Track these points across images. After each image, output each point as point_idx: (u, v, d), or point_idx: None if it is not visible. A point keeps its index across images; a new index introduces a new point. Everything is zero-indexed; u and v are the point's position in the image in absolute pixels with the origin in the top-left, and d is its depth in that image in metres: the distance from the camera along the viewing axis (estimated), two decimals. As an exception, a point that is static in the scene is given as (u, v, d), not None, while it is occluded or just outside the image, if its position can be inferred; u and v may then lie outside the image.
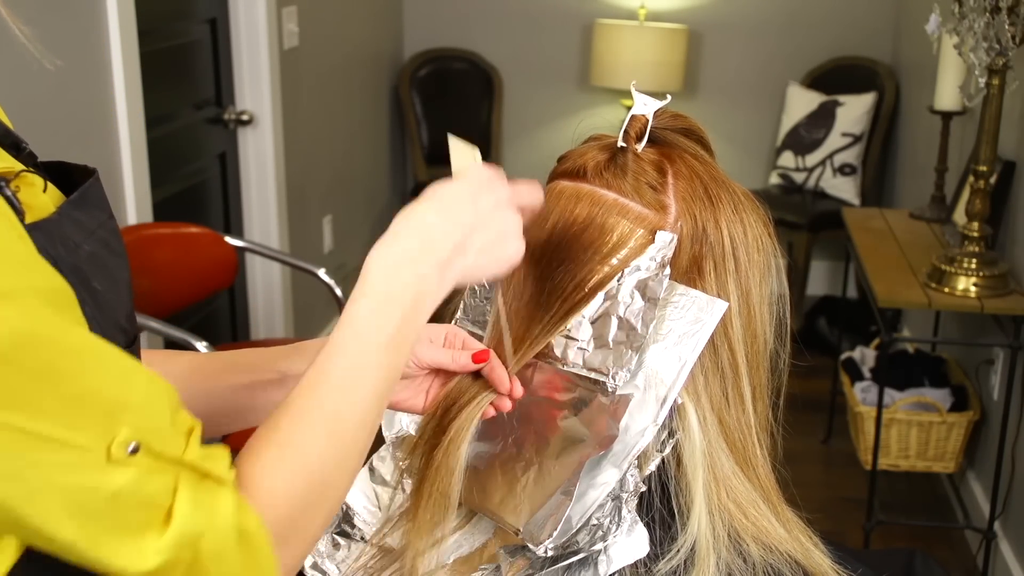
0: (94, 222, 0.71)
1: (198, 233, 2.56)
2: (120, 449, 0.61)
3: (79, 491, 0.60)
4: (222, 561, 0.65)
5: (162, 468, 0.63)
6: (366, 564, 0.89)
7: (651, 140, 0.85)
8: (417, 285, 0.75)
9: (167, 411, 0.65)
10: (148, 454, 0.62)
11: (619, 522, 0.78)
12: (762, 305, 0.85)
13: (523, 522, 0.82)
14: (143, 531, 0.62)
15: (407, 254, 0.75)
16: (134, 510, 0.62)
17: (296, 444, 0.70)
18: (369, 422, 0.74)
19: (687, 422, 0.80)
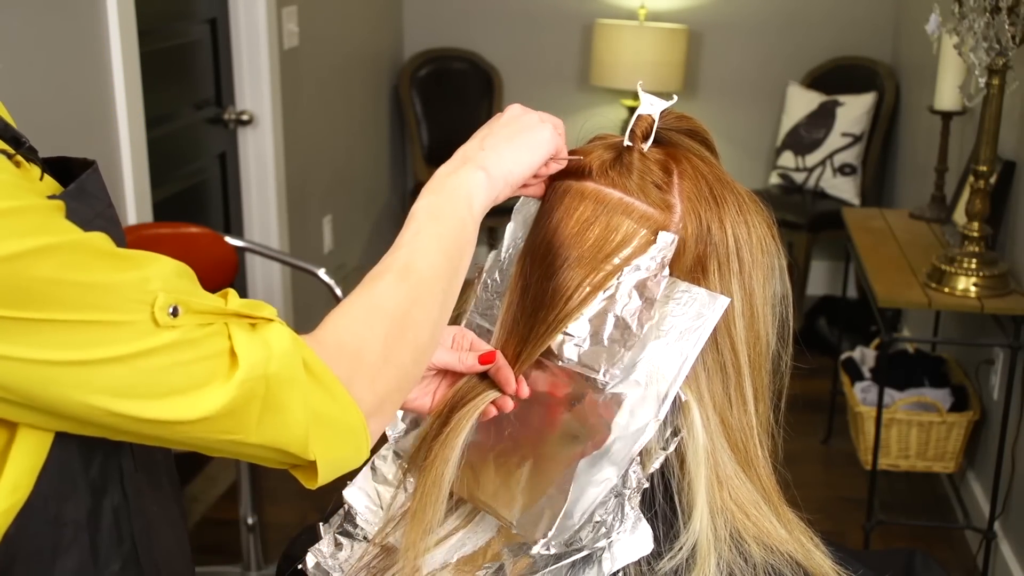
0: (92, 212, 0.73)
1: (198, 233, 2.56)
2: (162, 313, 0.65)
3: (138, 358, 0.64)
4: (295, 387, 0.69)
5: (209, 320, 0.67)
6: (369, 563, 0.89)
7: (656, 141, 0.85)
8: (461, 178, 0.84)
9: (194, 281, 0.70)
10: (190, 312, 0.66)
11: (623, 519, 0.78)
12: (765, 306, 0.85)
13: (516, 516, 0.82)
14: (214, 376, 0.67)
15: (452, 165, 0.87)
16: (198, 361, 0.66)
17: (372, 290, 0.77)
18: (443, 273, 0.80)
19: (691, 420, 0.80)
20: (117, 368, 0.64)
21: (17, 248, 0.61)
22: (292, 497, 2.73)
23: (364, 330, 0.75)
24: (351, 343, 0.74)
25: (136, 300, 0.64)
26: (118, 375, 0.64)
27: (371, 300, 0.77)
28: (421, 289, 0.78)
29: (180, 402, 0.65)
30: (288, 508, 2.72)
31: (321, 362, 0.71)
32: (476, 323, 0.93)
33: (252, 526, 2.44)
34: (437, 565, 0.86)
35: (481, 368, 0.86)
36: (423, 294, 0.78)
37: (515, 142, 0.86)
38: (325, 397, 0.71)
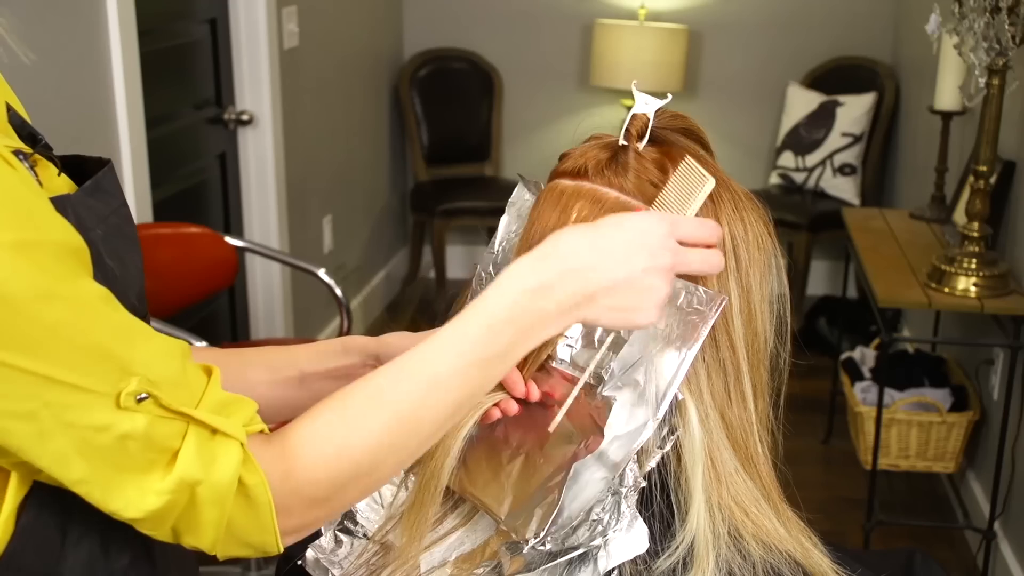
0: (107, 209, 0.74)
1: (198, 233, 2.56)
2: (129, 399, 0.65)
3: (89, 430, 0.64)
4: (217, 507, 0.68)
5: (171, 417, 0.67)
6: (368, 561, 0.89)
7: (651, 140, 0.85)
8: (537, 316, 0.74)
9: (177, 366, 0.69)
10: (156, 404, 0.66)
11: (619, 517, 0.78)
12: (763, 303, 0.85)
13: (505, 511, 0.82)
14: (148, 471, 0.66)
15: (543, 284, 0.74)
16: (141, 452, 0.66)
17: (359, 422, 0.72)
18: (439, 427, 0.75)
19: (687, 418, 0.80)
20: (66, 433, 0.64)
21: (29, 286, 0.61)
22: (292, 497, 2.73)
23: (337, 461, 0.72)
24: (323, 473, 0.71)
25: (110, 375, 0.65)
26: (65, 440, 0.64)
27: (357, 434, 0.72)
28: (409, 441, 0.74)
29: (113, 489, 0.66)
30: (288, 508, 2.72)
31: (264, 488, 0.69)
32: None
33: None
34: (436, 563, 0.86)
35: None
36: (405, 444, 0.74)
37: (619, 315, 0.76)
38: (248, 519, 0.70)
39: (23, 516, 0.68)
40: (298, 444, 0.71)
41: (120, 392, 0.64)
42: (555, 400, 0.84)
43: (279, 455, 0.71)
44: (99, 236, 0.71)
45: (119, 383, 0.65)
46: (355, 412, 0.72)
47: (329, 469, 0.71)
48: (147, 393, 0.65)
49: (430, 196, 4.23)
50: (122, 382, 0.65)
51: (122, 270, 0.73)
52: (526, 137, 4.57)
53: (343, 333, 2.71)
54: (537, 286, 0.74)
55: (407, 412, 0.73)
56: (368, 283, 4.18)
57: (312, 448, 0.71)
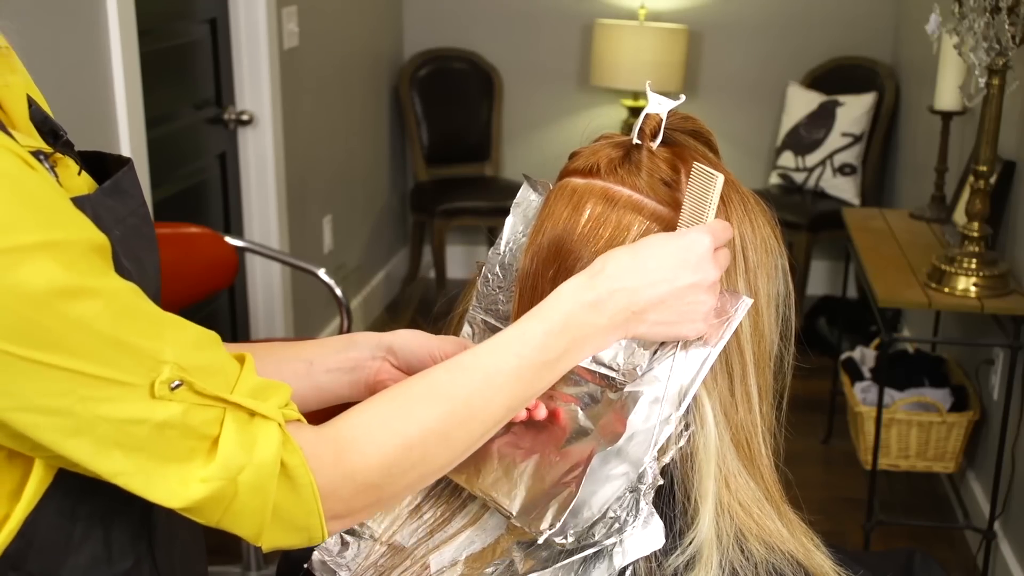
0: (126, 209, 0.74)
1: (198, 233, 2.56)
2: (163, 387, 0.65)
3: (125, 423, 0.64)
4: (261, 492, 0.68)
5: (207, 403, 0.67)
6: (376, 562, 0.89)
7: (662, 140, 0.85)
8: (590, 329, 0.79)
9: (210, 353, 0.70)
10: (191, 391, 0.66)
11: (636, 514, 0.78)
12: (769, 305, 0.86)
13: (516, 507, 0.82)
14: (189, 459, 0.66)
15: (597, 300, 0.78)
16: (181, 439, 0.66)
17: (413, 410, 0.75)
18: (490, 425, 0.77)
19: (703, 415, 0.81)
20: (102, 426, 0.64)
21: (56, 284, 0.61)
22: (292, 497, 2.73)
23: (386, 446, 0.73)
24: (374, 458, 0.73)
25: (143, 366, 0.65)
26: (101, 433, 0.64)
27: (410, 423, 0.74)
28: (459, 436, 0.76)
29: (155, 480, 0.66)
30: (288, 508, 2.72)
31: (305, 469, 0.70)
32: (480, 319, 0.93)
33: (252, 526, 2.44)
34: (446, 563, 0.86)
35: None
36: (458, 442, 0.77)
37: (665, 328, 0.80)
38: (293, 501, 0.70)
39: (28, 517, 0.68)
40: (351, 428, 0.73)
41: (154, 381, 0.65)
42: (565, 396, 0.84)
43: (331, 438, 0.72)
44: (117, 237, 0.71)
45: (152, 373, 0.65)
46: (410, 400, 0.75)
47: (381, 454, 0.72)
48: (180, 380, 0.66)
49: (430, 196, 4.23)
50: (154, 371, 0.65)
51: (139, 271, 0.73)
52: (526, 137, 4.57)
53: (343, 333, 2.71)
54: (592, 300, 0.78)
55: (461, 405, 0.75)
56: (368, 283, 4.18)
57: (365, 432, 0.73)
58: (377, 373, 0.93)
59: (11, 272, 0.60)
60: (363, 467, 0.72)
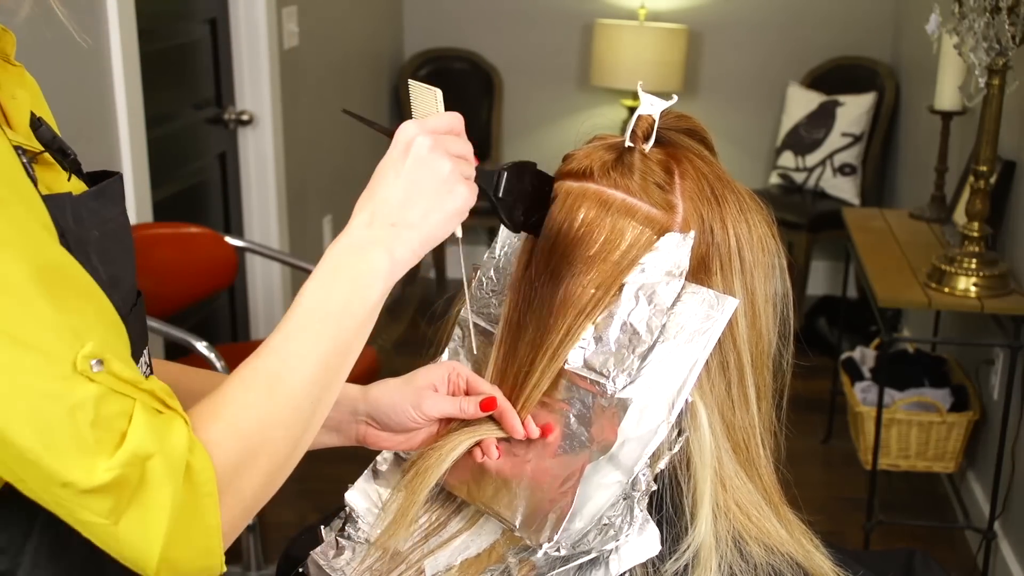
0: (108, 214, 0.74)
1: (198, 233, 2.56)
2: (85, 362, 0.63)
3: (42, 397, 0.62)
4: (164, 489, 0.65)
5: (123, 389, 0.65)
6: (371, 566, 0.88)
7: (656, 140, 0.85)
8: (360, 264, 0.77)
9: (125, 344, 0.68)
10: (110, 373, 0.64)
11: (631, 521, 0.78)
12: (767, 305, 0.85)
13: (518, 519, 0.82)
14: (97, 450, 0.63)
15: (352, 238, 0.78)
16: (91, 427, 0.63)
17: (233, 401, 0.72)
18: (315, 388, 0.75)
19: (697, 420, 0.80)
20: (19, 398, 0.62)
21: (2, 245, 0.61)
22: (292, 497, 2.73)
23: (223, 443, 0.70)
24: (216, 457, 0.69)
25: (67, 338, 0.63)
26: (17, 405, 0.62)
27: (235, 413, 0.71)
28: (287, 408, 0.73)
29: (63, 459, 0.63)
30: (288, 508, 2.72)
31: (210, 474, 0.67)
32: (472, 322, 0.92)
33: (252, 526, 2.44)
34: (441, 568, 0.85)
35: (483, 415, 0.86)
36: (288, 414, 0.73)
37: (429, 214, 0.79)
38: (193, 510, 0.66)
39: None
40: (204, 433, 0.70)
41: (76, 355, 0.63)
42: (557, 402, 0.84)
43: None
44: (96, 237, 0.71)
45: (77, 344, 0.63)
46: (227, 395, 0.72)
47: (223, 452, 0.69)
48: (101, 360, 0.64)
49: (430, 196, 4.23)
50: (78, 345, 0.63)
51: (111, 275, 0.73)
52: (526, 137, 4.57)
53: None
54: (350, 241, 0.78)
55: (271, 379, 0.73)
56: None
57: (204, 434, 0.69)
58: (364, 437, 0.93)
59: None
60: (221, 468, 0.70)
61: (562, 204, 0.85)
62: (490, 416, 0.86)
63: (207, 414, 0.71)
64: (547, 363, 0.83)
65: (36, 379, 0.62)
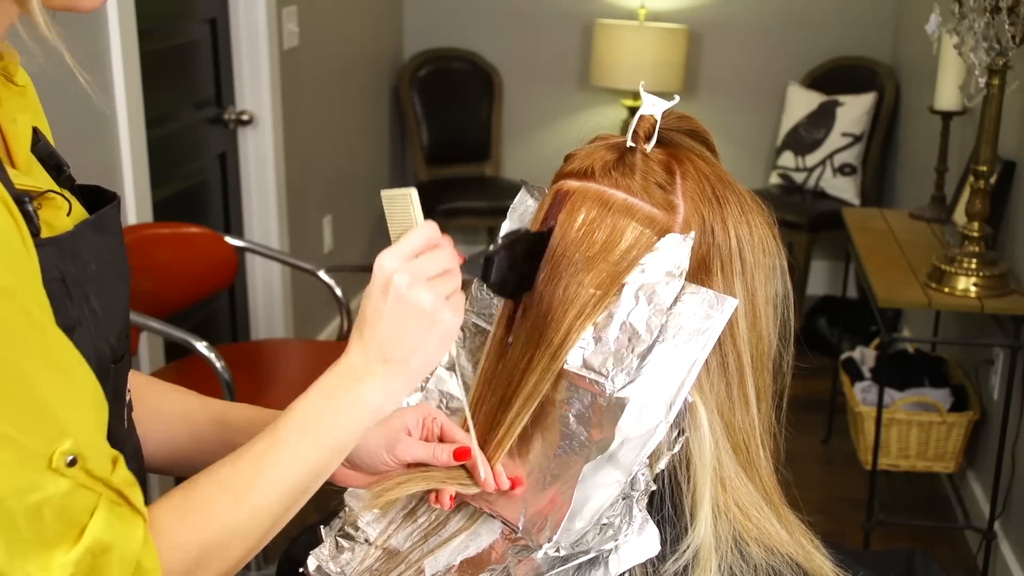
0: (105, 245, 0.74)
1: (198, 233, 2.56)
2: (61, 458, 0.62)
3: (11, 492, 0.61)
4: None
5: (91, 485, 0.65)
6: (371, 567, 0.88)
7: (658, 141, 0.85)
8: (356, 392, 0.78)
9: (103, 431, 0.68)
10: (82, 469, 0.64)
11: (630, 521, 0.78)
12: (767, 306, 0.85)
13: (521, 520, 0.82)
14: (55, 545, 0.63)
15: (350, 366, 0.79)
16: (54, 522, 0.63)
17: (202, 506, 0.73)
18: (282, 503, 0.76)
19: (697, 420, 0.80)
20: None
21: None
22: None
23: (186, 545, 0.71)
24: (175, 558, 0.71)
25: (47, 431, 0.62)
26: None
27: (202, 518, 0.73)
28: (251, 521, 0.75)
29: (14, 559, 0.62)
30: (288, 508, 2.72)
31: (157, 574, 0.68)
32: (472, 322, 0.92)
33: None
34: (440, 568, 0.85)
35: (456, 464, 0.86)
36: (251, 527, 0.75)
37: (418, 348, 0.79)
38: None
39: None
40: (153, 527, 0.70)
41: (54, 452, 0.62)
42: (555, 401, 0.83)
43: None
44: (92, 272, 0.71)
45: (56, 441, 0.62)
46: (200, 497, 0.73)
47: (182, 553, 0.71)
48: (75, 456, 0.63)
49: (430, 196, 4.23)
50: (56, 441, 0.63)
51: (107, 310, 0.73)
52: (526, 137, 4.57)
53: (343, 333, 2.71)
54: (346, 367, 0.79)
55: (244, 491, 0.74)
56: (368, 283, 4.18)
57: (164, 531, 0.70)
58: (333, 476, 0.93)
59: None
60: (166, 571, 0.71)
61: (563, 203, 0.85)
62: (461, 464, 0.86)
63: (176, 514, 0.72)
64: (547, 363, 0.83)
65: (10, 472, 0.61)
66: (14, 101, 0.75)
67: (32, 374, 0.62)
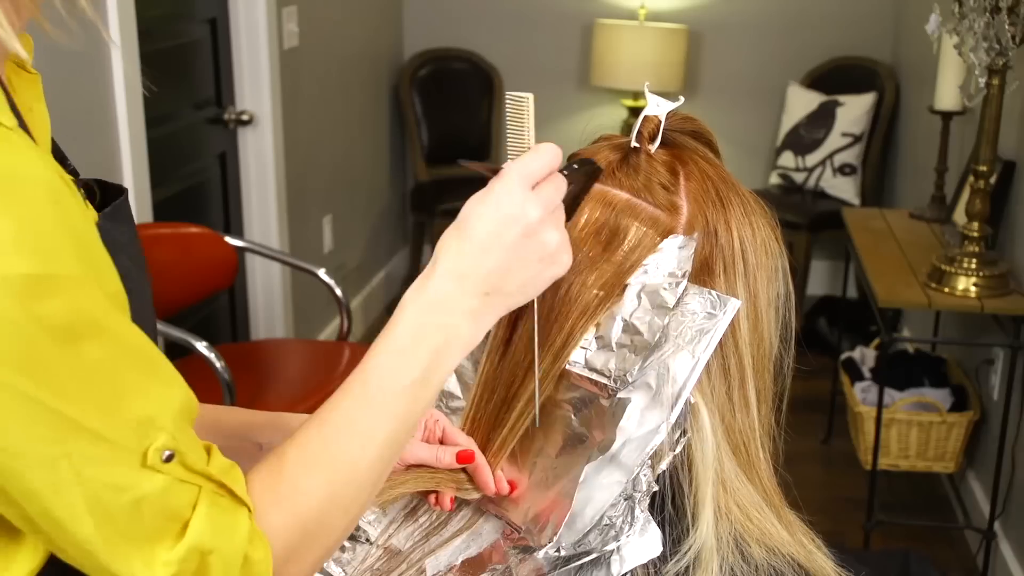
0: (125, 237, 0.72)
1: (198, 233, 2.56)
2: (156, 455, 0.61)
3: (106, 488, 0.59)
4: None
5: (190, 479, 0.63)
6: (372, 566, 0.88)
7: (661, 142, 0.85)
8: (445, 332, 0.72)
9: (191, 421, 0.65)
10: (180, 464, 0.62)
11: (632, 522, 0.78)
12: (769, 308, 0.85)
13: (524, 520, 0.82)
14: (157, 540, 0.62)
15: (439, 298, 0.72)
16: (154, 518, 0.61)
17: (297, 485, 0.69)
18: (379, 468, 0.72)
19: (700, 421, 0.80)
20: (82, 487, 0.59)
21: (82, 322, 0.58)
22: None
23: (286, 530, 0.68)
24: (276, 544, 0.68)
25: (139, 429, 0.61)
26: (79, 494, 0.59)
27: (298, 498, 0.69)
28: (349, 492, 0.71)
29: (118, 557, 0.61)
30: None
31: (267, 564, 0.66)
32: None
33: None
34: (442, 568, 0.85)
35: (458, 467, 0.85)
36: (351, 498, 0.71)
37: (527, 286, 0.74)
38: None
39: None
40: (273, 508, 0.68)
41: (148, 448, 0.60)
42: (558, 400, 0.83)
43: None
44: (124, 268, 0.68)
45: (147, 439, 0.61)
46: (290, 475, 0.70)
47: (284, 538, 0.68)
48: (172, 451, 0.61)
49: (430, 196, 4.23)
50: (150, 437, 0.61)
51: (139, 302, 0.70)
52: (526, 137, 4.56)
53: (343, 333, 2.71)
54: (435, 301, 0.72)
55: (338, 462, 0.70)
56: (368, 283, 4.18)
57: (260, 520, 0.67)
58: None
59: (41, 301, 0.56)
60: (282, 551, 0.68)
61: None
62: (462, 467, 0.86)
63: (268, 498, 0.68)
64: (550, 363, 0.83)
65: (103, 470, 0.59)
66: (29, 90, 0.72)
67: (119, 366, 0.60)
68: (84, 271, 0.59)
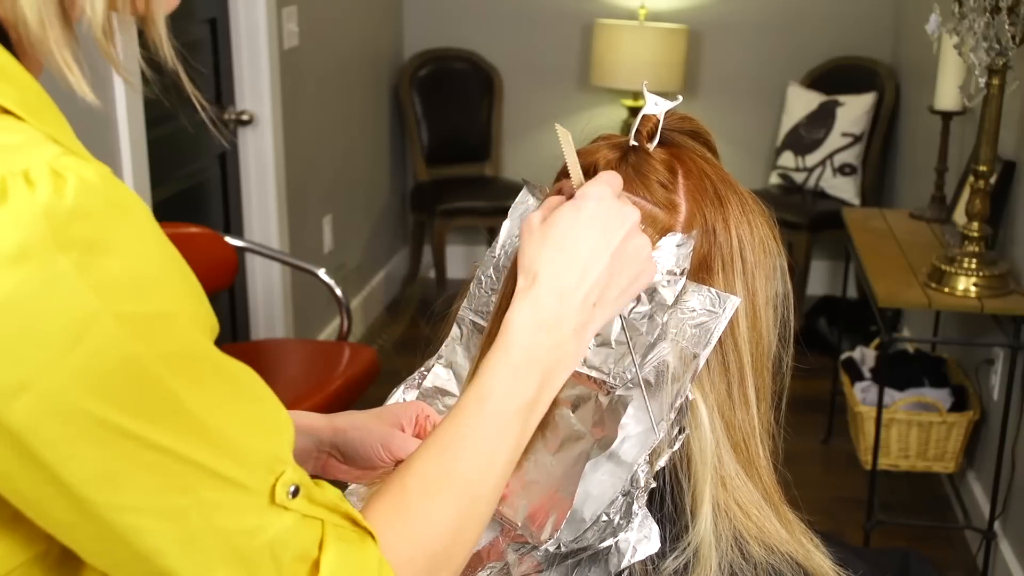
0: None
1: (198, 233, 2.56)
2: (283, 491, 0.57)
3: (238, 535, 0.55)
4: None
5: (314, 513, 0.60)
6: None
7: (660, 141, 0.85)
8: (556, 350, 0.72)
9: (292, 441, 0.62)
10: (306, 497, 0.59)
11: (630, 518, 0.78)
12: (767, 306, 0.85)
13: (521, 516, 0.82)
14: None
15: (547, 317, 0.72)
16: (290, 561, 0.58)
17: (424, 515, 0.67)
18: (497, 494, 0.71)
19: (698, 418, 0.80)
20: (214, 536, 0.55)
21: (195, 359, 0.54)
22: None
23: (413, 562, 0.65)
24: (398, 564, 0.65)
25: (264, 465, 0.57)
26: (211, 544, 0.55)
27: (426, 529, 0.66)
28: (475, 519, 0.69)
29: None
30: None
31: None
32: (470, 319, 0.92)
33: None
34: None
35: None
36: (476, 524, 0.69)
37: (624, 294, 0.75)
38: None
39: None
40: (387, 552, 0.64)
41: (275, 484, 0.57)
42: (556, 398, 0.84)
43: None
44: None
45: (272, 474, 0.57)
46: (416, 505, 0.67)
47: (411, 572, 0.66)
48: (297, 485, 0.58)
49: (430, 196, 4.23)
50: (275, 472, 0.57)
51: None
52: (526, 137, 4.57)
53: (343, 333, 2.71)
54: (546, 319, 0.72)
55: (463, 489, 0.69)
56: (368, 283, 4.18)
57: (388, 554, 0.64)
58: (324, 469, 0.91)
59: (158, 340, 0.52)
60: None
61: None
62: None
63: (395, 530, 0.65)
64: None
65: (234, 517, 0.55)
66: None
67: (236, 400, 0.57)
68: (194, 305, 0.56)
